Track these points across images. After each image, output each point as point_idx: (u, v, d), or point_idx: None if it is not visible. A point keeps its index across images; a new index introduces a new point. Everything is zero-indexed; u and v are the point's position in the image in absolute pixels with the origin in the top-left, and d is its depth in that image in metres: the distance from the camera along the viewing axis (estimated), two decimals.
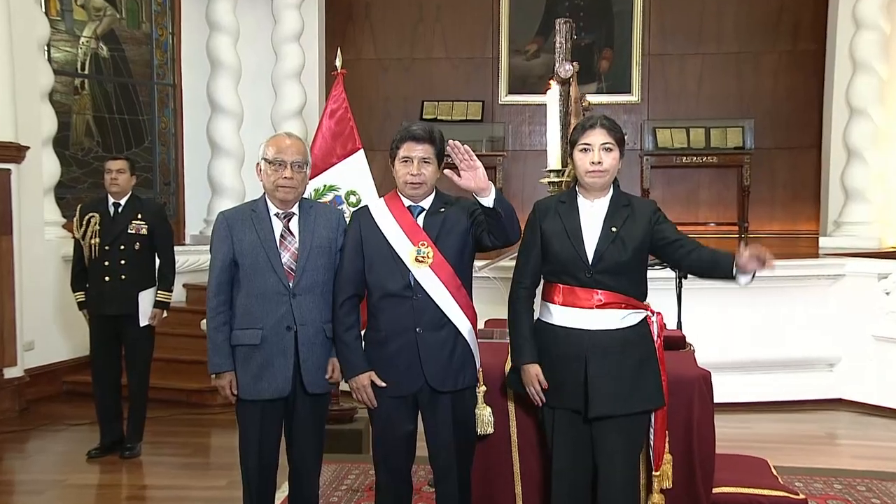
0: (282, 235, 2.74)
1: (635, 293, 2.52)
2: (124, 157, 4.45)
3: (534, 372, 2.55)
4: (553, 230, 2.55)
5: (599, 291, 2.47)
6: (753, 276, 2.36)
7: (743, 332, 5.28)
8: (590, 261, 2.47)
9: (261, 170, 2.76)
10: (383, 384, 2.63)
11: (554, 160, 4.01)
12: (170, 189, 7.25)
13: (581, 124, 2.59)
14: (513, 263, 2.71)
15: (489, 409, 2.81)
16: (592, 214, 2.54)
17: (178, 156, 7.23)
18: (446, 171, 2.49)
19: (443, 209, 2.68)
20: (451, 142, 2.47)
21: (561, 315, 2.53)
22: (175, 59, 7.19)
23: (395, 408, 2.65)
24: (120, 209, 4.30)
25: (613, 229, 2.48)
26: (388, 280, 2.62)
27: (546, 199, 2.72)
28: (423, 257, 2.60)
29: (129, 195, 4.33)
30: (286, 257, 2.72)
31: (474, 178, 2.44)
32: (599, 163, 2.49)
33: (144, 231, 4.29)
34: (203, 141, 7.13)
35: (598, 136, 2.51)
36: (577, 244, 2.50)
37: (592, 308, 2.48)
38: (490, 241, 2.57)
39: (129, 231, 4.27)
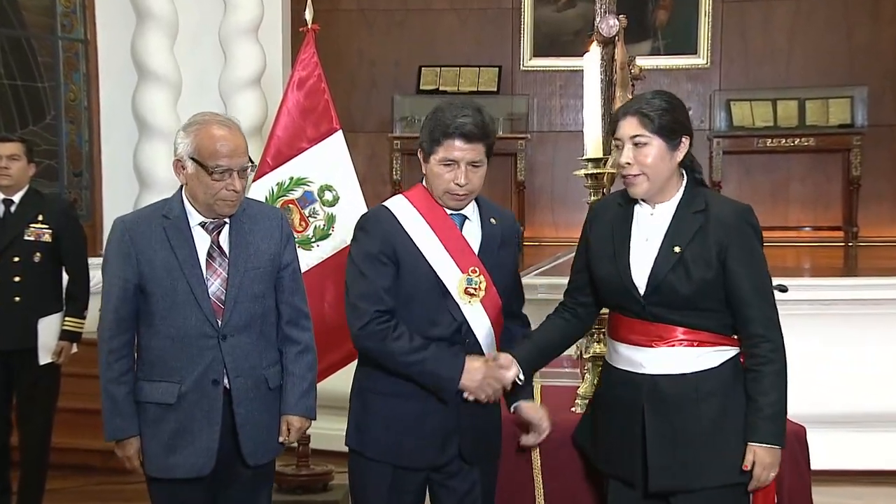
0: (209, 255, 2.65)
1: (716, 325, 2.47)
2: (18, 139, 4.45)
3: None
4: (599, 244, 2.54)
5: (661, 325, 2.45)
6: None
7: (851, 376, 5.23)
8: (641, 291, 2.44)
9: (185, 169, 2.60)
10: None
11: (592, 145, 3.97)
12: (82, 181, 7.25)
13: (620, 109, 2.56)
14: (540, 280, 2.71)
15: None
16: (650, 226, 2.49)
17: (94, 137, 7.23)
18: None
19: (493, 220, 2.65)
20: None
21: (619, 353, 2.55)
22: (87, 5, 7.17)
23: (403, 482, 2.60)
24: (13, 208, 4.30)
25: (676, 249, 2.42)
26: (434, 321, 2.55)
27: (606, 197, 2.74)
28: (474, 289, 2.56)
29: (25, 190, 4.33)
30: (215, 285, 2.64)
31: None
32: (628, 164, 2.45)
33: (47, 237, 4.29)
34: (127, 117, 7.13)
35: (627, 128, 2.46)
36: (622, 269, 2.47)
37: (651, 346, 2.45)
38: None
39: (27, 237, 4.26)
